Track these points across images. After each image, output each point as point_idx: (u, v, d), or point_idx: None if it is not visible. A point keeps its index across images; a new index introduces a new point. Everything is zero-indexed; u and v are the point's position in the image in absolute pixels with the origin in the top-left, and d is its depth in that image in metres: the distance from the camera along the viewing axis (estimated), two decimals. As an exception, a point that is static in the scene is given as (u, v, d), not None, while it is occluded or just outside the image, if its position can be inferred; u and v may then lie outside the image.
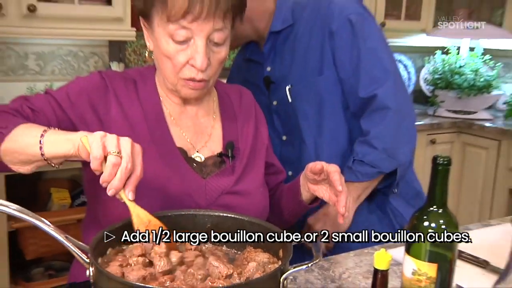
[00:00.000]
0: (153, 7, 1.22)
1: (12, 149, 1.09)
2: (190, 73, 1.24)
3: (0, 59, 2.92)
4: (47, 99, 1.25)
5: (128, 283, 0.93)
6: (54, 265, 2.74)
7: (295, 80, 1.74)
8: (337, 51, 1.66)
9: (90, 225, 1.36)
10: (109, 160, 0.95)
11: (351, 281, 1.34)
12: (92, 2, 2.75)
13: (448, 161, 1.00)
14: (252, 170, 1.41)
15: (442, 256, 1.02)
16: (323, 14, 1.68)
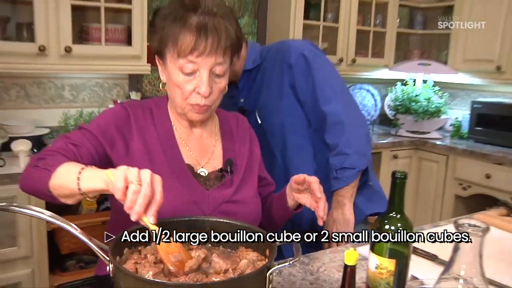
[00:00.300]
0: (166, 47, 1.25)
1: (57, 185, 1.07)
2: (196, 100, 1.25)
3: (43, 90, 2.92)
4: (83, 133, 1.25)
5: (140, 277, 0.92)
6: (84, 259, 2.72)
7: (262, 105, 1.80)
8: (296, 79, 1.72)
9: (113, 229, 1.34)
10: (130, 188, 0.93)
11: (327, 273, 1.33)
12: (116, 43, 2.76)
13: (405, 175, 1.02)
14: (247, 183, 1.41)
15: (400, 253, 1.03)
16: (282, 52, 1.76)
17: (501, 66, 3.60)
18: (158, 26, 1.27)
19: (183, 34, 1.21)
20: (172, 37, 1.22)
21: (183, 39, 1.20)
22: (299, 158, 1.79)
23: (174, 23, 1.22)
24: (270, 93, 1.77)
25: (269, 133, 1.76)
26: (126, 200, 0.93)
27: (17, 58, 2.47)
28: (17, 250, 2.35)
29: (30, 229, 2.37)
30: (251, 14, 3.74)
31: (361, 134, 1.68)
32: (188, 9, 1.23)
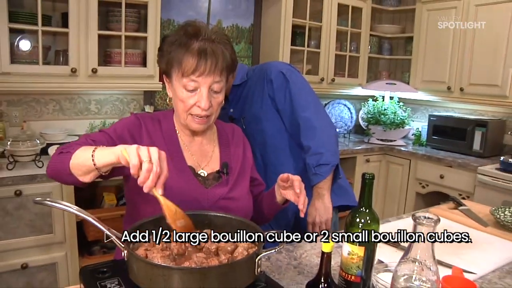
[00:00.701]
0: (172, 68, 1.25)
1: (76, 164, 1.07)
2: (197, 111, 1.26)
3: (73, 104, 2.92)
4: (102, 134, 1.25)
5: (149, 261, 0.91)
6: (107, 245, 2.70)
7: (246, 113, 1.79)
8: (275, 91, 1.71)
9: (128, 220, 1.34)
10: (144, 167, 0.94)
11: (308, 259, 1.33)
12: (133, 65, 2.76)
13: (372, 176, 1.02)
14: (241, 183, 1.40)
15: (368, 242, 1.02)
16: (264, 70, 1.76)
17: (450, 86, 3.62)
18: (165, 50, 1.27)
19: (187, 57, 1.21)
20: (177, 60, 1.22)
21: (186, 61, 1.21)
22: (276, 158, 1.79)
23: (179, 48, 1.23)
24: (253, 104, 1.77)
25: (251, 137, 1.71)
26: (140, 177, 0.95)
27: (54, 79, 2.50)
28: (53, 236, 2.38)
29: (63, 219, 2.39)
30: (247, 40, 3.74)
31: (331, 136, 1.69)
32: (191, 36, 1.23)
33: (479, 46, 3.39)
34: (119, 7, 2.63)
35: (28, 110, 2.76)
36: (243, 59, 3.74)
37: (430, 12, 3.75)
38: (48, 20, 2.53)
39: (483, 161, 3.33)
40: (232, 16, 3.60)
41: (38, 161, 2.40)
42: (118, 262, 1.05)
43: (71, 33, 2.48)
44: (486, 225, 1.66)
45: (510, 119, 3.59)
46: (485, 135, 3.42)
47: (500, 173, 3.02)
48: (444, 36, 3.64)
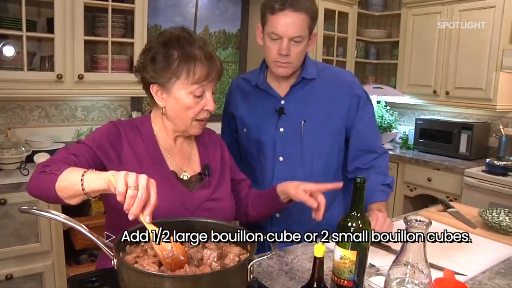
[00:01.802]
0: (178, 79, 1.23)
1: (63, 186, 1.03)
2: (203, 115, 1.29)
3: (60, 111, 2.89)
4: (81, 146, 1.22)
5: (139, 269, 0.90)
6: (95, 253, 2.67)
7: (310, 118, 1.59)
8: (359, 110, 1.62)
9: (110, 230, 1.30)
10: (128, 193, 0.92)
11: (300, 264, 1.32)
12: (120, 71, 2.73)
13: (363, 180, 1.02)
14: (222, 183, 1.39)
15: (360, 246, 1.02)
16: (346, 81, 1.64)
17: (436, 90, 3.66)
18: (163, 63, 1.23)
19: (199, 65, 1.22)
20: (187, 69, 1.22)
21: (199, 70, 1.22)
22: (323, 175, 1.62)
23: (184, 58, 1.22)
24: (325, 111, 1.59)
25: (307, 145, 1.59)
26: (125, 203, 0.92)
27: (40, 85, 2.46)
28: (39, 245, 2.34)
29: (50, 228, 2.35)
30: (234, 46, 3.74)
31: (387, 163, 1.70)
32: (190, 45, 1.23)
33: (464, 50, 3.44)
34: (105, 13, 2.61)
35: (13, 117, 2.72)
36: (230, 64, 3.74)
37: (415, 17, 3.80)
38: (33, 25, 2.50)
39: (470, 163, 3.37)
40: (219, 22, 3.60)
41: (23, 169, 2.36)
42: (107, 271, 1.03)
43: (56, 38, 2.45)
44: (475, 226, 1.67)
45: (494, 122, 3.64)
46: (471, 138, 3.46)
47: (486, 175, 3.06)
48: (429, 40, 3.68)
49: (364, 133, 1.64)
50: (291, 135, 1.60)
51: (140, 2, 2.70)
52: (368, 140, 1.65)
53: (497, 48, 3.22)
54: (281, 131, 1.61)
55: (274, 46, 1.48)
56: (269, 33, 1.48)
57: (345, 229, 1.03)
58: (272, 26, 1.45)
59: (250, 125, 1.67)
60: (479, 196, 3.05)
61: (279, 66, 1.52)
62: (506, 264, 1.38)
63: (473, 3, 3.35)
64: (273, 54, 1.50)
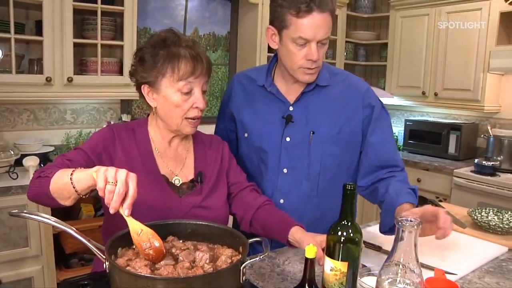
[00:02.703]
0: (164, 77, 1.24)
1: (56, 188, 1.06)
2: (194, 113, 1.27)
3: (48, 114, 2.87)
4: (77, 152, 1.23)
5: (131, 272, 0.89)
6: (85, 257, 2.66)
7: (319, 129, 1.46)
8: (373, 122, 1.49)
9: (106, 232, 1.31)
10: (106, 188, 0.94)
11: (291, 265, 1.32)
12: (110, 73, 2.72)
13: (354, 187, 0.97)
14: (216, 191, 1.37)
15: (352, 256, 0.99)
16: (359, 89, 1.50)
17: (425, 91, 3.70)
18: (150, 62, 1.25)
19: (183, 61, 1.22)
20: (171, 66, 1.23)
21: (184, 65, 1.22)
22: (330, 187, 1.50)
23: (170, 55, 1.23)
24: (336, 122, 1.47)
25: (315, 157, 1.47)
26: (105, 197, 0.95)
27: (28, 88, 2.45)
28: (29, 249, 2.32)
29: (39, 232, 2.33)
30: (224, 48, 3.74)
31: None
32: (175, 44, 1.24)
33: (452, 52, 3.48)
34: (94, 15, 2.60)
35: (1, 120, 2.69)
36: (220, 67, 3.74)
37: (403, 19, 3.83)
38: (21, 28, 2.48)
39: (458, 164, 3.40)
40: (208, 24, 3.60)
41: (12, 172, 2.34)
42: (99, 274, 1.02)
43: (45, 41, 2.43)
44: (465, 226, 1.68)
45: (482, 122, 3.68)
46: (460, 138, 3.49)
47: (475, 175, 3.10)
48: (417, 42, 3.72)
49: (380, 147, 1.49)
50: (298, 145, 1.47)
51: (129, 5, 2.69)
52: (385, 155, 1.50)
53: (484, 50, 3.26)
54: (288, 141, 1.48)
55: (301, 52, 1.34)
56: (294, 38, 1.33)
57: (335, 239, 0.99)
58: (299, 30, 1.31)
59: (252, 130, 1.54)
60: (468, 196, 3.09)
61: (307, 73, 1.38)
62: (495, 263, 1.40)
63: (460, 5, 3.39)
64: (300, 60, 1.36)
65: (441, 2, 3.51)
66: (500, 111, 3.55)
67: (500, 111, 3.55)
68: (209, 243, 1.10)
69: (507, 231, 1.61)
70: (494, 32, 3.20)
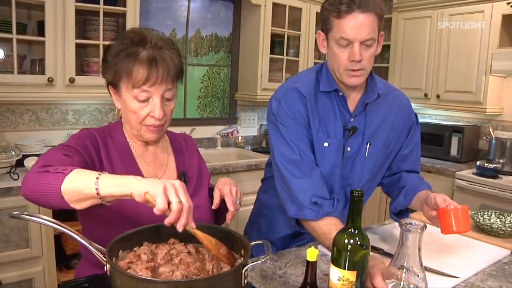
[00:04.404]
0: (121, 80, 1.19)
1: (72, 189, 0.96)
2: (151, 121, 1.21)
3: (50, 114, 2.86)
4: (67, 147, 1.15)
5: (133, 275, 0.88)
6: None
7: (375, 141, 1.47)
8: (412, 134, 1.56)
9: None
10: (173, 208, 0.89)
11: (293, 268, 1.32)
12: (113, 75, 2.71)
13: (361, 193, 0.96)
14: (199, 191, 1.35)
15: (360, 265, 0.96)
16: (406, 106, 1.56)
17: (427, 93, 3.69)
18: (111, 61, 1.20)
19: (137, 67, 1.16)
20: (126, 71, 1.17)
21: (137, 72, 1.15)
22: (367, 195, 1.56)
23: (126, 59, 1.17)
24: (388, 135, 1.50)
25: (367, 168, 1.49)
26: (170, 217, 0.90)
27: (30, 88, 2.44)
28: (30, 251, 2.31)
29: (40, 233, 2.32)
30: (226, 49, 3.74)
31: None
32: (138, 45, 1.18)
33: (454, 54, 3.47)
34: (97, 16, 2.60)
35: (3, 121, 2.69)
36: (222, 68, 3.73)
37: (406, 21, 3.83)
38: (23, 28, 2.47)
39: (460, 166, 3.40)
40: (211, 25, 3.60)
41: (14, 173, 2.33)
42: (99, 277, 1.02)
43: (47, 41, 2.43)
44: (467, 229, 1.68)
45: (484, 124, 3.67)
46: (462, 140, 3.48)
47: (477, 178, 3.08)
48: (420, 44, 3.71)
49: (409, 156, 1.57)
50: (356, 156, 1.47)
51: (132, 6, 2.69)
52: (412, 164, 1.59)
53: (486, 52, 3.25)
54: (348, 151, 1.46)
55: (344, 53, 1.33)
56: (337, 39, 1.32)
57: (341, 247, 0.97)
58: (340, 30, 1.30)
59: (323, 140, 1.46)
60: (470, 198, 3.07)
61: (352, 75, 1.36)
62: (498, 266, 1.39)
63: (463, 8, 3.39)
64: (344, 62, 1.34)
65: (443, 4, 3.51)
66: (502, 113, 3.55)
67: (502, 113, 3.55)
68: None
69: (509, 234, 1.60)
70: (496, 34, 3.20)
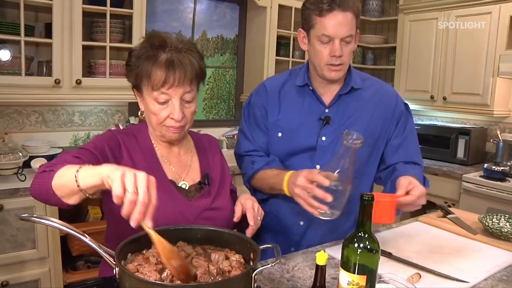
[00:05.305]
0: (142, 82, 1.23)
1: (59, 184, 1.00)
2: (171, 123, 1.24)
3: (57, 116, 2.87)
4: (84, 150, 1.20)
5: (142, 279, 0.88)
6: (91, 259, 2.65)
7: (351, 129, 1.44)
8: (401, 124, 1.60)
9: (111, 239, 1.29)
10: (127, 197, 0.85)
11: (301, 271, 1.31)
12: (118, 76, 2.71)
13: (372, 197, 0.95)
14: (222, 193, 1.37)
15: (370, 269, 0.95)
16: (390, 95, 1.61)
17: (433, 95, 3.67)
18: (133, 65, 1.24)
19: (155, 70, 1.19)
20: (146, 73, 1.20)
21: (155, 74, 1.19)
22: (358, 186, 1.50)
23: (146, 62, 1.21)
24: (368, 125, 1.54)
25: None
26: (123, 208, 0.85)
27: (37, 90, 2.46)
28: (36, 251, 2.32)
29: (46, 234, 2.33)
30: (232, 51, 3.74)
31: None
32: (157, 48, 1.21)
33: (461, 56, 3.45)
34: (103, 18, 2.61)
35: (10, 122, 2.70)
36: (228, 70, 3.74)
37: (412, 23, 3.81)
38: (31, 30, 2.48)
39: (467, 168, 3.37)
40: (217, 27, 3.60)
41: (21, 174, 2.34)
42: (108, 279, 1.02)
43: (54, 43, 2.44)
44: (475, 233, 1.66)
45: (491, 127, 3.65)
46: (469, 143, 3.46)
47: (484, 180, 3.06)
48: (426, 46, 3.69)
49: (402, 147, 1.60)
50: (333, 145, 1.52)
51: (138, 7, 2.69)
52: (408, 155, 1.60)
53: (493, 54, 3.23)
54: (324, 140, 1.53)
55: (325, 49, 1.43)
56: (318, 36, 1.42)
57: (351, 251, 0.96)
58: (322, 28, 1.40)
59: (287, 130, 1.57)
60: (477, 201, 3.05)
61: (332, 69, 1.46)
62: (508, 271, 1.37)
63: (470, 9, 3.37)
64: (325, 57, 1.44)
65: (450, 6, 3.49)
66: (510, 116, 3.52)
67: (510, 116, 3.52)
68: (219, 249, 1.09)
69: (519, 238, 1.59)
70: (504, 36, 3.18)
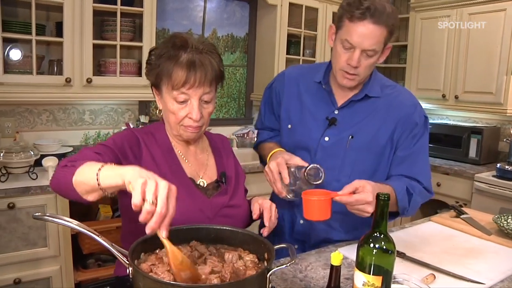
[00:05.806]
0: (162, 81, 1.24)
1: (80, 181, 1.00)
2: (189, 122, 1.25)
3: (67, 114, 2.89)
4: (104, 147, 1.20)
5: (156, 279, 0.88)
6: (102, 258, 2.65)
7: (358, 134, 1.48)
8: (412, 136, 1.49)
9: (127, 238, 1.29)
10: (144, 207, 0.84)
11: (314, 271, 1.30)
12: (128, 74, 2.73)
13: (388, 197, 0.93)
14: (238, 191, 1.40)
15: (385, 270, 0.95)
16: (406, 106, 1.51)
17: (445, 94, 3.64)
18: (154, 64, 1.26)
19: (176, 70, 1.20)
20: (166, 73, 1.21)
21: (176, 74, 1.20)
22: None
23: (167, 61, 1.21)
24: (375, 133, 1.48)
25: (349, 161, 1.48)
26: (141, 216, 0.85)
27: (48, 89, 2.47)
28: (47, 250, 2.34)
29: (58, 232, 2.34)
30: (242, 49, 3.73)
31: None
32: (179, 48, 1.22)
33: (473, 54, 3.41)
34: (114, 17, 2.61)
35: (21, 121, 2.72)
36: (238, 68, 3.73)
37: (423, 20, 3.78)
38: (42, 29, 2.50)
39: (479, 168, 3.34)
40: (227, 25, 3.60)
41: (32, 172, 2.35)
42: (121, 279, 1.02)
43: (65, 42, 2.45)
44: (490, 233, 1.64)
45: (504, 126, 3.61)
46: (481, 142, 3.43)
47: (497, 180, 3.03)
48: (438, 44, 3.66)
49: (406, 160, 1.50)
50: (335, 147, 1.49)
51: (148, 6, 2.70)
52: (410, 169, 1.49)
53: (507, 52, 3.19)
54: (326, 140, 1.50)
55: (344, 55, 1.38)
56: (342, 40, 1.37)
57: (367, 251, 0.95)
58: (347, 33, 1.34)
59: (295, 123, 1.57)
60: (490, 201, 3.02)
61: (345, 76, 1.41)
62: (524, 272, 1.36)
63: (482, 6, 3.33)
64: (342, 62, 1.39)
65: (463, 3, 3.45)
66: (523, 115, 3.48)
67: (523, 115, 3.48)
68: (232, 248, 1.08)
69: (535, 239, 1.56)
70: (518, 34, 3.14)
